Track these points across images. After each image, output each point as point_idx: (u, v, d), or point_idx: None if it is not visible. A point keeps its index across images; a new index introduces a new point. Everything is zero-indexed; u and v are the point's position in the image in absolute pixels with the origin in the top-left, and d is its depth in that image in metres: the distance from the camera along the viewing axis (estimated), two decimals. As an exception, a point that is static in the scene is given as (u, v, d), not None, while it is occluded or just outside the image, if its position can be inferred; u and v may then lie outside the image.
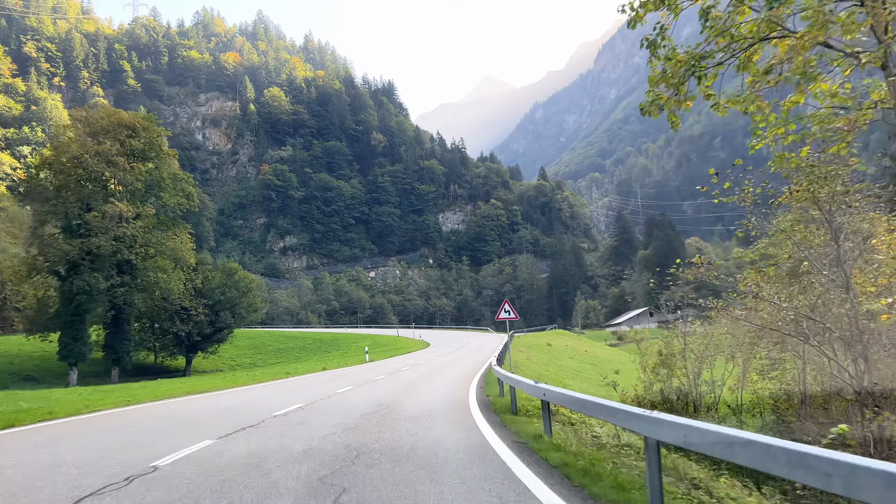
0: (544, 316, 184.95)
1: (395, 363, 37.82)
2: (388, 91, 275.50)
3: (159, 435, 11.51)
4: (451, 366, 33.28)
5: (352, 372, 30.98)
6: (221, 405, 17.40)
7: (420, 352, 53.79)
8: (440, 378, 25.07)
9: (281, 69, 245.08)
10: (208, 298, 61.87)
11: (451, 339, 71.86)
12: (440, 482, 7.08)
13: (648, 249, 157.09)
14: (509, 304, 26.31)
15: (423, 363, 36.13)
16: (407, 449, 9.29)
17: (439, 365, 34.12)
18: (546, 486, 6.86)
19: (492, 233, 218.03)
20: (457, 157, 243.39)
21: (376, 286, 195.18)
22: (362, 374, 27.91)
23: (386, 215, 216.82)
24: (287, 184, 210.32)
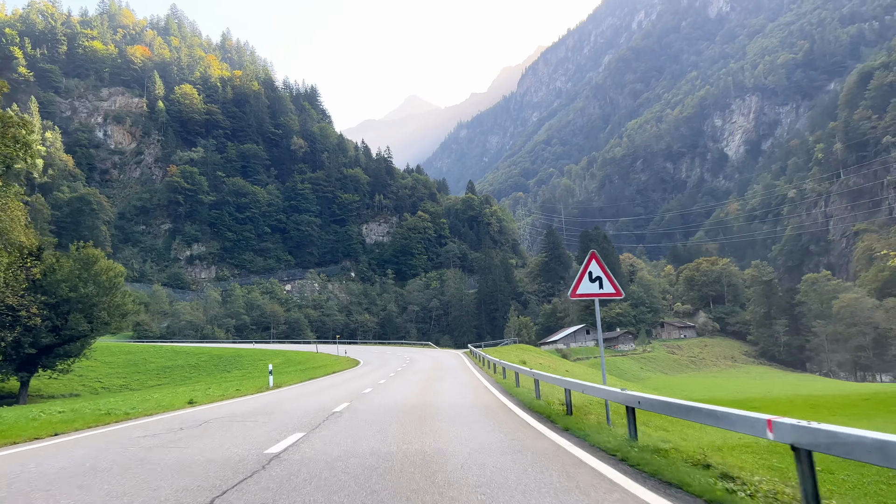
0: (472, 333, 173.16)
1: (321, 391, 24.07)
2: (310, 97, 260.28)
3: None
4: (434, 401, 19.43)
5: (233, 411, 17.32)
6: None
7: (349, 372, 40.22)
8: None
9: (195, 67, 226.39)
10: (50, 295, 45.71)
11: (385, 356, 58.77)
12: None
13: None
14: (599, 261, 13.73)
15: (368, 393, 22.64)
16: None
17: (408, 401, 20.12)
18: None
19: (418, 246, 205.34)
20: (382, 167, 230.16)
21: (292, 300, 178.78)
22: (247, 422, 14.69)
23: (305, 224, 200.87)
24: (196, 187, 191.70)
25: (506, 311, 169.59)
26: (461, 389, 22.59)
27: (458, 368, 35.93)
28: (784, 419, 5.81)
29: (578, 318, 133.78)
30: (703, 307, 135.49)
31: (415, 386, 24.22)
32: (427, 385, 24.32)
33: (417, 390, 22.32)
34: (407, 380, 27.93)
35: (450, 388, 23.11)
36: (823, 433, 5.27)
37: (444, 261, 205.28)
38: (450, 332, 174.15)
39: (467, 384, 24.91)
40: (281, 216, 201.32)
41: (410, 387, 23.79)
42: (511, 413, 14.89)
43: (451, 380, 27.44)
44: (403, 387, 23.89)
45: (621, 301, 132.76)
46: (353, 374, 37.54)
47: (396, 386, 24.57)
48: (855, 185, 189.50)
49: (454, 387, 23.48)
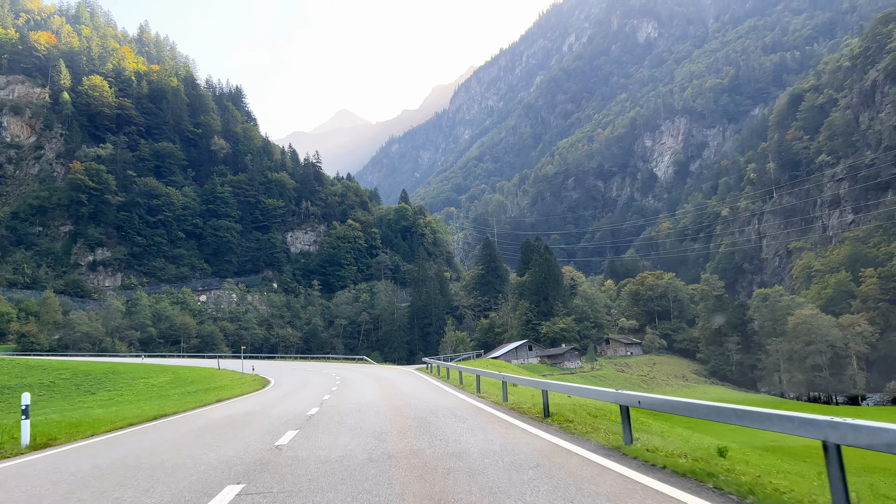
0: (404, 349, 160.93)
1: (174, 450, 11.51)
2: (235, 97, 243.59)
3: None
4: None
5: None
6: None
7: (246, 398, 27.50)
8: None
9: (107, 58, 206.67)
10: None
11: (306, 374, 45.88)
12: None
13: (525, 276, 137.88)
14: None
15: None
16: None
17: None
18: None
19: (347, 256, 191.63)
20: (311, 173, 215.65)
21: (207, 311, 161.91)
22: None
23: (224, 230, 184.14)
24: (103, 187, 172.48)
25: (440, 325, 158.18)
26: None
27: (465, 412, 17.45)
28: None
29: (519, 333, 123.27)
30: (648, 323, 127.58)
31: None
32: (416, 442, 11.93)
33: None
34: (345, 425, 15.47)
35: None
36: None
37: (374, 272, 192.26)
38: (380, 348, 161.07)
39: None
40: (197, 220, 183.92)
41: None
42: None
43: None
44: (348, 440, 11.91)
45: (565, 315, 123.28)
46: (257, 400, 25.05)
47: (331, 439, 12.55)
48: (788, 203, 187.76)
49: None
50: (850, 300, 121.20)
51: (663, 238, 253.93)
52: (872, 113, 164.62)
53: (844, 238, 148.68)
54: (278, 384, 37.12)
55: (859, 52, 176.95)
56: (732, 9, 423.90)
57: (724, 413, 7.75)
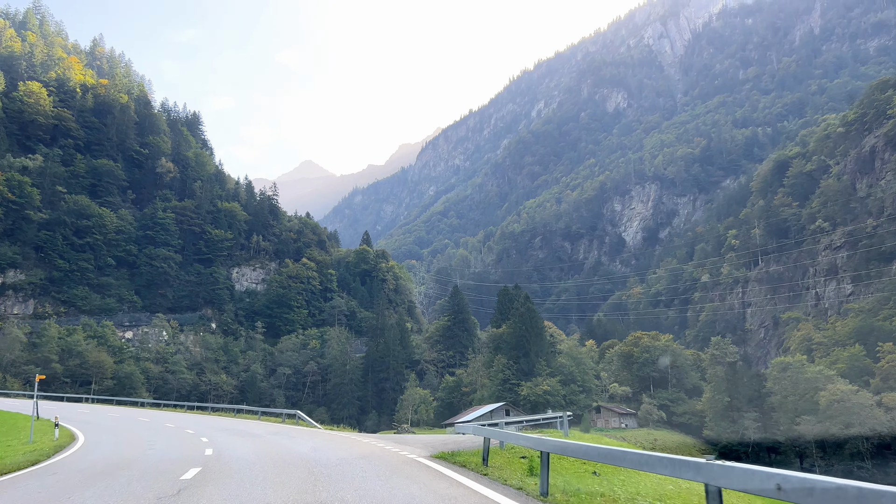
0: (355, 405, 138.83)
1: None
2: (191, 123, 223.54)
3: None
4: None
5: None
6: None
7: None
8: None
9: (50, 66, 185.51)
10: None
11: (156, 441, 25.58)
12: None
13: (502, 327, 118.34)
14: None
15: None
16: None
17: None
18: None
19: (299, 298, 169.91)
20: (265, 206, 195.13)
21: (129, 350, 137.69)
22: None
23: (161, 260, 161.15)
24: (25, 201, 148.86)
25: (399, 380, 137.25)
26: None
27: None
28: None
29: (494, 394, 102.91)
30: (643, 391, 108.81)
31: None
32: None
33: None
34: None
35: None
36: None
37: (328, 318, 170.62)
38: (326, 404, 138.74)
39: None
40: (131, 247, 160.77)
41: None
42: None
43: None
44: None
45: (548, 375, 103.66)
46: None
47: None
48: (775, 271, 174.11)
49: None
50: (867, 376, 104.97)
51: (634, 303, 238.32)
52: (871, 180, 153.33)
53: (847, 309, 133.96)
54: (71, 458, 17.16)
55: (854, 118, 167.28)
56: (701, 84, 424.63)
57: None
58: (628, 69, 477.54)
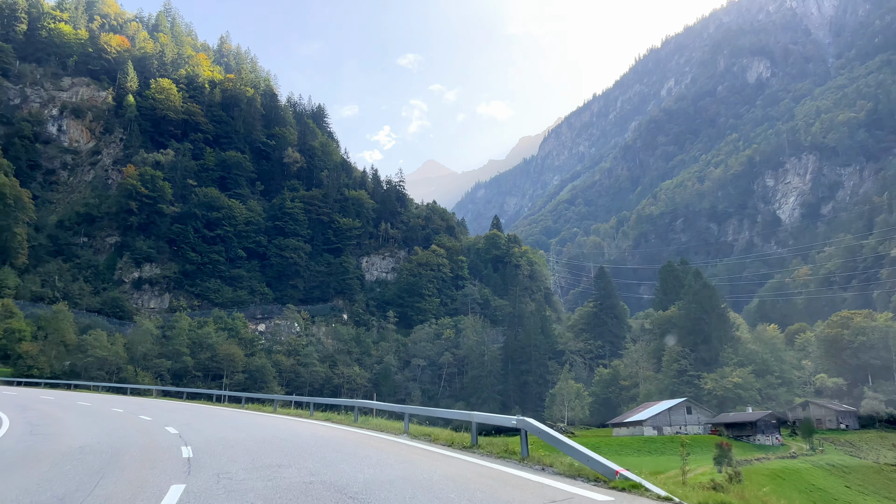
0: (496, 401, 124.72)
1: None
2: (316, 116, 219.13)
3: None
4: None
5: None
6: None
7: None
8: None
9: (180, 64, 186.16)
10: None
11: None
12: None
13: (670, 309, 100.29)
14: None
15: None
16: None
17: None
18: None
19: (429, 286, 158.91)
20: (393, 194, 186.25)
21: (261, 342, 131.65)
22: None
23: (291, 250, 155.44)
24: (158, 195, 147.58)
25: (542, 372, 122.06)
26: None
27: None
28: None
29: (667, 388, 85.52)
30: (860, 382, 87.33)
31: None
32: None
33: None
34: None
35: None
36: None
37: (460, 306, 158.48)
38: (465, 398, 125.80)
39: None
40: (261, 238, 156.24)
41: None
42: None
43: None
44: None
45: (736, 366, 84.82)
46: None
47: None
48: None
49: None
50: None
51: (800, 285, 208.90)
52: None
53: None
54: None
55: None
56: (858, 45, 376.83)
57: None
58: (770, 36, 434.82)
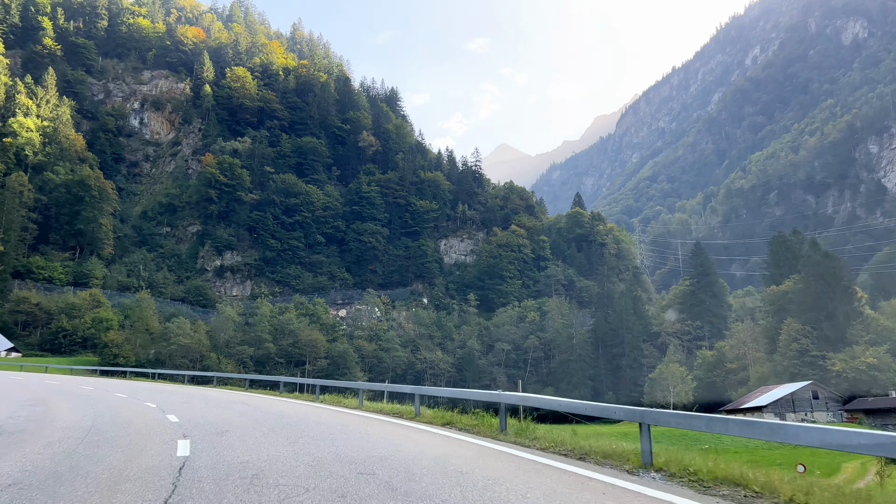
0: (587, 386, 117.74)
1: None
2: (389, 99, 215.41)
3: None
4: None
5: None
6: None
7: None
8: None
9: (255, 53, 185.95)
10: None
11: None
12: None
13: (785, 283, 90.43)
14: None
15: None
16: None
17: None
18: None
19: (510, 268, 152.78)
20: (469, 175, 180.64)
21: (342, 328, 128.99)
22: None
23: (369, 234, 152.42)
24: (236, 182, 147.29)
25: (636, 356, 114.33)
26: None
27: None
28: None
29: (786, 370, 76.57)
30: None
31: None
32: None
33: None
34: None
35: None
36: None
37: (543, 288, 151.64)
38: (553, 383, 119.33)
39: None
40: (339, 223, 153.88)
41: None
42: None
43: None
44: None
45: (868, 343, 74.99)
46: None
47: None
48: None
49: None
50: None
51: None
52: None
53: None
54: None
55: None
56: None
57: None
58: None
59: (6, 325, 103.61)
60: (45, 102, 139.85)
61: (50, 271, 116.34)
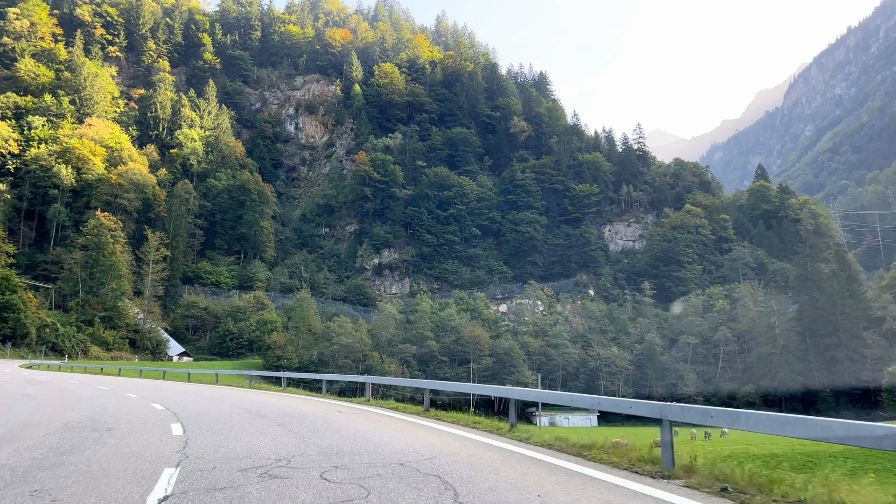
0: (795, 382, 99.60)
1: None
2: (539, 83, 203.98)
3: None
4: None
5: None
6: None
7: None
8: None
9: (401, 49, 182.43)
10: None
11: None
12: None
13: None
14: None
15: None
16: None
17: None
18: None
19: (688, 251, 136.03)
20: (632, 153, 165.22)
21: (505, 323, 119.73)
22: None
23: (526, 224, 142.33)
24: (389, 179, 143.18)
25: (855, 346, 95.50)
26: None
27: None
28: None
29: None
30: None
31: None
32: None
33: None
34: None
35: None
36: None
37: (728, 273, 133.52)
38: (752, 380, 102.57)
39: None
40: (494, 214, 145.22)
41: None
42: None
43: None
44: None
45: None
46: None
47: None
48: None
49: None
50: None
51: None
52: None
53: None
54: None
55: None
56: None
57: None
58: None
59: (178, 330, 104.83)
60: (206, 114, 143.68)
61: (216, 276, 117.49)
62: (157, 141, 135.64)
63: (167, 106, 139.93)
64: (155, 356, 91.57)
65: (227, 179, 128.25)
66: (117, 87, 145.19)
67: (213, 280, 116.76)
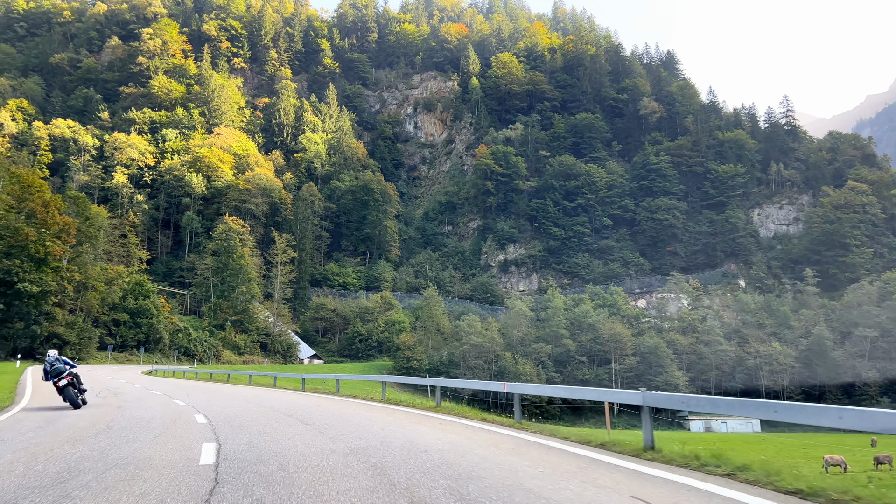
0: None
1: None
2: (667, 63, 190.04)
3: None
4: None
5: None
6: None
7: None
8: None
9: (518, 38, 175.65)
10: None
11: None
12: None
13: None
14: None
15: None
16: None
17: None
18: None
19: (855, 233, 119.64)
20: (779, 128, 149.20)
21: (646, 319, 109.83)
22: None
23: (663, 211, 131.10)
24: (512, 171, 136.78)
25: None
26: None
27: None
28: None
29: None
30: None
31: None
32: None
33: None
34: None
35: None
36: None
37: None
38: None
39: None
40: (626, 202, 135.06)
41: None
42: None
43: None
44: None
45: None
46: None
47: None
48: None
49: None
50: None
51: None
52: None
53: None
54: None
55: None
56: None
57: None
58: None
59: (307, 333, 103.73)
60: (328, 117, 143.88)
61: (343, 277, 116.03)
62: (281, 146, 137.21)
63: (290, 112, 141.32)
64: (286, 359, 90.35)
65: (350, 181, 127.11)
66: (243, 97, 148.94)
67: (341, 281, 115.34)
